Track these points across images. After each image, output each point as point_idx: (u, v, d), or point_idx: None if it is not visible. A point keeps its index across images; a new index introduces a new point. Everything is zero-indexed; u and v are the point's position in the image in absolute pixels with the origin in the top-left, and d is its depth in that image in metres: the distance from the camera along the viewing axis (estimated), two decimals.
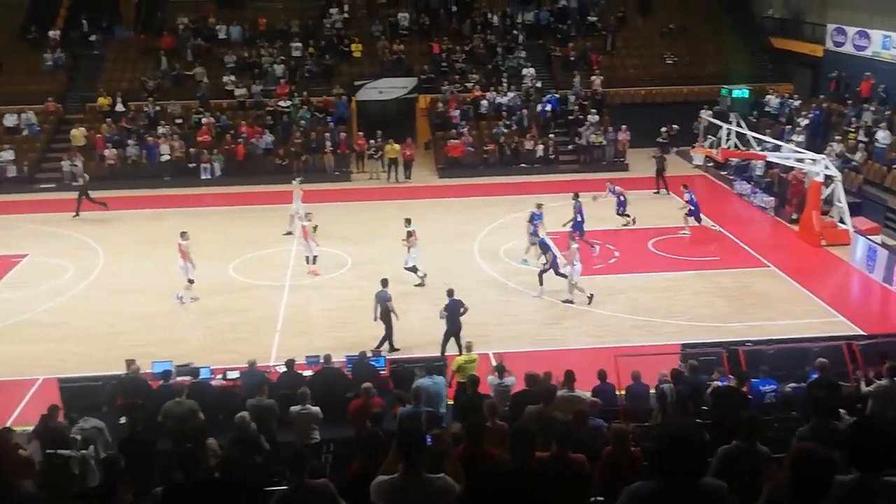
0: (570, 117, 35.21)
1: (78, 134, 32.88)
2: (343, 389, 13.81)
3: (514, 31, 39.27)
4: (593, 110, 35.08)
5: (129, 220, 27.65)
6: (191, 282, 20.42)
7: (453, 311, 16.99)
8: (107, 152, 31.99)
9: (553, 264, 20.47)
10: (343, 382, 14.16)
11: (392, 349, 17.36)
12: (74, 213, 27.83)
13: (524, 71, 37.02)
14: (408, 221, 21.63)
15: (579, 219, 23.47)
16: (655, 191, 29.69)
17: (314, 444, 11.87)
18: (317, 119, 34.43)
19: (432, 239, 24.69)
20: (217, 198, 30.05)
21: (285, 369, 14.49)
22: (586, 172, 32.25)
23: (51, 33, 37.29)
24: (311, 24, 38.94)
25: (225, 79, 35.77)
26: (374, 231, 25.86)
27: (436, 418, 9.30)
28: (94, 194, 27.97)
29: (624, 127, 33.85)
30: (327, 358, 14.65)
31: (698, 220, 24.96)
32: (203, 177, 31.72)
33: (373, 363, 14.83)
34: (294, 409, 12.09)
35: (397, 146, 32.07)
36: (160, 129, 32.96)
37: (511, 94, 35.73)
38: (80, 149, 32.33)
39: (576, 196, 24.01)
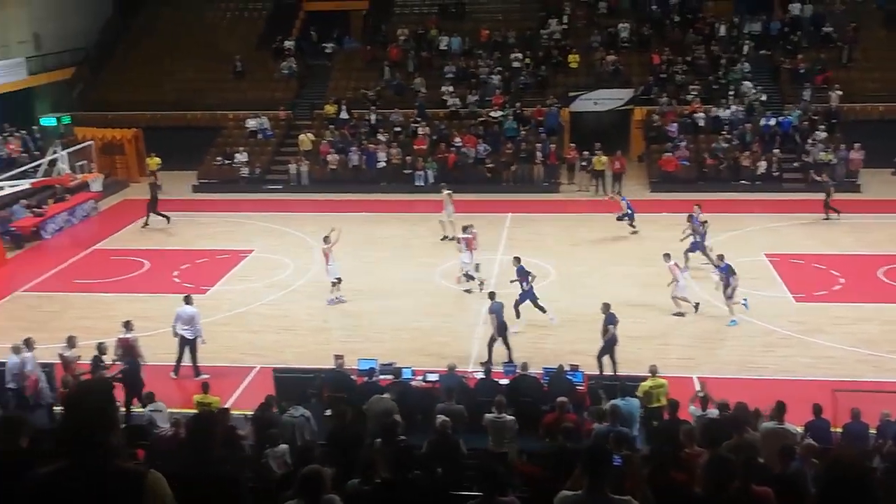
0: (797, 133, 33.19)
1: (306, 139, 34.92)
2: (538, 401, 13.71)
3: (741, 42, 37.59)
4: (822, 126, 32.89)
5: (348, 222, 28.87)
6: (338, 280, 21.20)
7: (609, 325, 16.79)
8: (329, 157, 33.77)
9: (528, 294, 19.29)
10: (539, 394, 14.06)
11: (485, 363, 16.90)
12: (163, 220, 28.89)
13: (748, 83, 35.33)
14: (464, 229, 22.22)
15: (698, 239, 22.78)
16: (825, 216, 27.45)
17: (507, 453, 11.85)
18: (525, 129, 34.60)
19: (640, 254, 24.08)
20: (428, 204, 30.80)
21: (483, 376, 14.59)
22: (813, 192, 30.23)
23: (286, 43, 39.93)
24: (529, 35, 39.20)
25: (443, 89, 36.74)
26: (579, 244, 25.60)
27: (627, 439, 8.99)
28: (310, 197, 29.41)
29: (857, 145, 31.45)
30: (524, 367, 14.61)
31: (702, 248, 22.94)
32: (417, 183, 32.70)
33: (570, 377, 14.62)
34: (489, 416, 12.13)
35: (604, 158, 31.57)
36: (380, 137, 34.36)
37: (733, 108, 34.22)
38: (306, 153, 34.36)
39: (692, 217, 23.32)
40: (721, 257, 20.10)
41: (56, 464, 3.49)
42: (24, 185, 27.79)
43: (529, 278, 19.33)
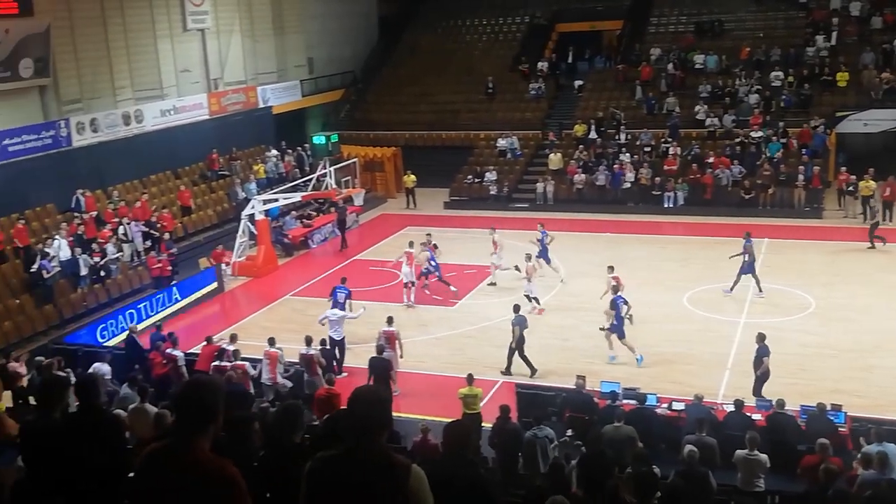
0: None
1: (555, 159, 35.20)
2: (794, 440, 12.92)
3: None
4: None
5: (592, 242, 28.78)
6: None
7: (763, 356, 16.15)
8: (576, 177, 33.79)
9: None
10: (795, 433, 13.23)
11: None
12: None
13: None
14: (528, 257, 22.93)
15: (748, 258, 21.74)
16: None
17: (758, 492, 11.31)
18: (788, 151, 32.73)
19: None
20: (677, 227, 30.01)
21: (733, 409, 13.98)
22: None
23: (539, 64, 40.53)
24: (793, 52, 37.14)
25: (696, 108, 35.67)
26: (841, 273, 23.83)
27: None
28: (555, 216, 29.71)
29: None
30: (780, 404, 13.81)
31: (546, 260, 24.20)
32: (666, 205, 31.94)
33: (831, 417, 13.62)
34: (740, 452, 11.63)
35: (872, 183, 29.12)
36: (627, 157, 33.92)
37: None
38: (553, 172, 34.63)
39: (747, 236, 22.43)
40: (615, 289, 19.44)
41: (332, 451, 3.86)
42: (296, 198, 30.17)
43: (346, 308, 20.17)
